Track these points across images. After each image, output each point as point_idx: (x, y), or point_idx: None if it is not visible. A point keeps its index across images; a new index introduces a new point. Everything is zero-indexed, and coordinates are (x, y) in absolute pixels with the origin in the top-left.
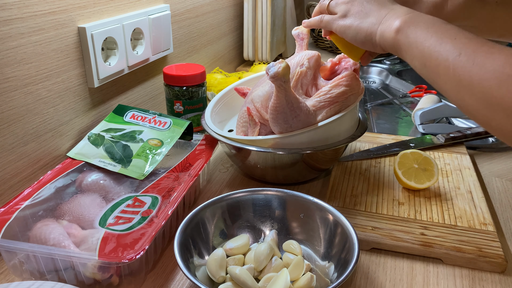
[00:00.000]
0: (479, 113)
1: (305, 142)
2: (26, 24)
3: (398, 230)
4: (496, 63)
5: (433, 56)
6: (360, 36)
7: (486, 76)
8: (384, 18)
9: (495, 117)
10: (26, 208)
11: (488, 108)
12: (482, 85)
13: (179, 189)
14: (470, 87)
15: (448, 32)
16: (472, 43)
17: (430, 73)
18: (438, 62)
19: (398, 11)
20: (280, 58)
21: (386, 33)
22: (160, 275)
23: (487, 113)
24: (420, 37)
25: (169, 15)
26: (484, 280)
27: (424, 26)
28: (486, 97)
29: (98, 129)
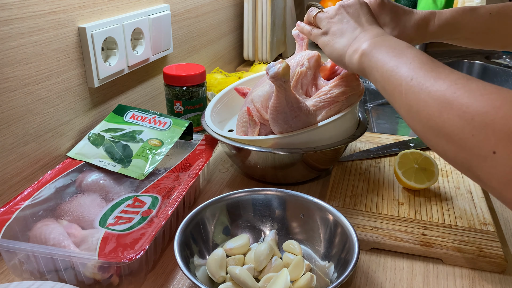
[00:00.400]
0: (426, 139)
1: (305, 142)
2: (26, 24)
3: (398, 230)
4: (440, 88)
5: (390, 80)
6: (334, 56)
7: (430, 102)
8: (354, 40)
9: (439, 142)
10: (26, 208)
11: (432, 134)
12: (426, 111)
13: (179, 189)
14: (417, 113)
15: (407, 56)
16: (425, 67)
17: (388, 96)
18: (394, 87)
19: (368, 34)
20: (280, 58)
21: (353, 56)
22: (160, 275)
23: (433, 139)
24: (381, 61)
25: (169, 15)
26: (484, 280)
27: (385, 49)
28: (431, 123)
29: (98, 129)
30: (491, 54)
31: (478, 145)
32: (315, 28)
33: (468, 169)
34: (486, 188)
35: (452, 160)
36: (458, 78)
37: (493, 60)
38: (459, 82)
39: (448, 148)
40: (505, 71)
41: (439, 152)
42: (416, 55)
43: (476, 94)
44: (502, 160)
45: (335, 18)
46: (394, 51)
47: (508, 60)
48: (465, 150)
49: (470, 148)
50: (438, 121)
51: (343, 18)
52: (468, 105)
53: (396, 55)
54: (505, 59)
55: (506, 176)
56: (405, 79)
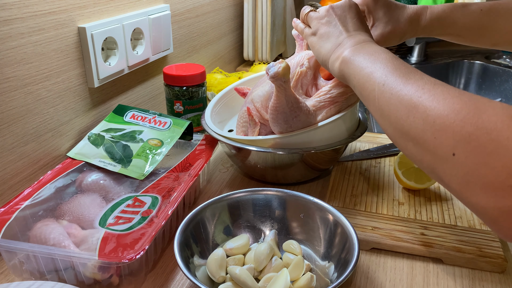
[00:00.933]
0: (396, 142)
1: (305, 142)
2: (26, 24)
3: (398, 230)
4: (407, 93)
5: (365, 85)
6: (319, 59)
7: (398, 106)
8: (338, 46)
9: (407, 146)
10: (26, 208)
11: (401, 137)
12: (395, 115)
13: (179, 189)
14: (388, 117)
15: (382, 62)
16: (397, 73)
17: (364, 101)
18: (369, 92)
19: (351, 40)
20: (280, 58)
21: (335, 62)
22: (160, 275)
23: (401, 142)
24: (358, 67)
25: (169, 15)
26: (484, 280)
27: (363, 56)
28: (399, 127)
29: (98, 129)
30: (491, 54)
31: (439, 147)
32: (307, 27)
33: (432, 171)
34: (448, 189)
35: (419, 162)
36: (425, 83)
37: (493, 60)
38: (425, 87)
39: (415, 151)
40: (505, 71)
41: (408, 154)
42: (390, 60)
43: (440, 98)
44: (461, 161)
45: (323, 20)
46: (371, 57)
47: (508, 60)
48: (429, 153)
49: (433, 150)
50: (405, 124)
51: (331, 21)
52: (431, 108)
53: (372, 61)
54: (505, 59)
55: (465, 177)
56: (378, 84)
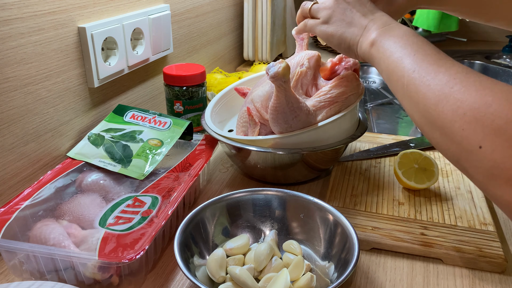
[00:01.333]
0: (423, 130)
1: (305, 142)
2: (26, 24)
3: (398, 230)
4: (439, 82)
5: (395, 71)
6: (343, 46)
7: (428, 95)
8: (365, 30)
9: (434, 135)
10: (26, 208)
11: (428, 125)
12: (424, 102)
13: (179, 189)
14: (416, 104)
15: (412, 47)
16: (427, 59)
17: (392, 87)
18: (398, 78)
19: (377, 22)
20: (280, 58)
21: (364, 45)
22: (160, 275)
23: (428, 130)
24: (387, 51)
25: (169, 15)
26: (484, 280)
27: (393, 40)
28: (427, 114)
29: (98, 129)
30: (491, 54)
31: (466, 139)
32: (309, 19)
33: (457, 161)
34: (472, 181)
35: (445, 151)
36: (457, 72)
37: (493, 60)
38: (457, 76)
39: (441, 140)
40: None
41: (433, 143)
42: (420, 44)
43: (471, 89)
44: (488, 154)
45: (336, 8)
46: (401, 41)
47: (508, 60)
48: (455, 143)
49: (459, 141)
50: (434, 113)
51: (344, 7)
52: (463, 100)
53: (402, 46)
54: (505, 59)
55: (490, 170)
56: (408, 71)
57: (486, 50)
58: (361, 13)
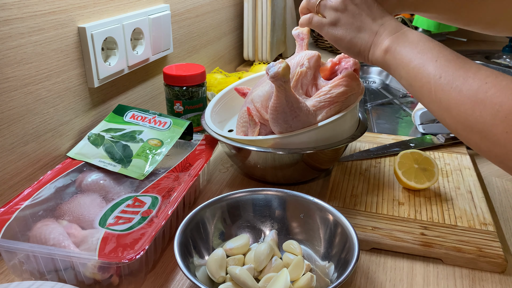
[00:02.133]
0: (458, 133)
1: (305, 142)
2: (26, 24)
3: (398, 230)
4: (470, 88)
5: (417, 77)
6: (353, 50)
7: (462, 100)
8: (376, 36)
9: (472, 137)
10: (26, 208)
11: (465, 130)
12: (458, 108)
13: (179, 189)
14: (449, 109)
15: (431, 52)
16: (451, 65)
17: (416, 93)
18: (422, 84)
19: (388, 28)
20: (280, 58)
21: (377, 52)
22: (160, 275)
23: (465, 134)
24: (406, 58)
25: (169, 15)
26: (484, 280)
27: (409, 46)
28: (462, 120)
29: (98, 129)
30: (491, 54)
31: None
32: (315, 16)
33: (502, 162)
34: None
35: (486, 153)
36: (487, 76)
37: (493, 60)
38: (489, 80)
39: (482, 143)
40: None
41: (472, 145)
42: (439, 50)
43: (508, 93)
44: None
45: (343, 10)
46: (418, 47)
47: (508, 60)
48: (499, 146)
49: (504, 144)
50: (471, 118)
51: (353, 10)
52: (501, 103)
53: (420, 52)
54: (505, 59)
55: None
56: (433, 77)
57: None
58: (371, 17)
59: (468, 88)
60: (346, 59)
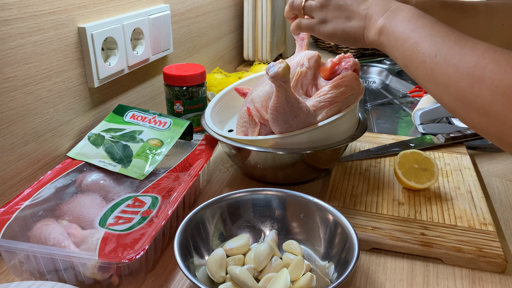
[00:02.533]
0: (456, 111)
1: (305, 142)
2: (26, 24)
3: (398, 230)
4: (468, 64)
5: (413, 57)
6: (349, 40)
7: (459, 77)
8: (366, 19)
9: (470, 115)
10: (26, 208)
11: (463, 107)
12: (456, 86)
13: (179, 189)
14: (446, 87)
15: (424, 29)
16: (446, 41)
17: (412, 73)
18: (418, 63)
19: (376, 8)
20: (280, 58)
21: (371, 35)
22: (160, 275)
23: (463, 111)
24: (400, 39)
25: (169, 15)
26: (484, 280)
27: (402, 25)
28: (460, 97)
29: (98, 129)
30: None
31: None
32: (303, 20)
33: (500, 138)
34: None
35: (483, 131)
36: (484, 51)
37: None
38: (486, 55)
39: (480, 120)
40: None
41: (469, 123)
42: (432, 25)
43: (507, 68)
44: None
45: (328, 5)
46: (410, 24)
47: None
48: (498, 122)
49: (503, 119)
50: (469, 95)
51: (337, 2)
52: (501, 79)
53: (413, 29)
54: None
55: None
56: (429, 55)
57: None
58: (356, 3)
59: (465, 65)
60: (346, 59)
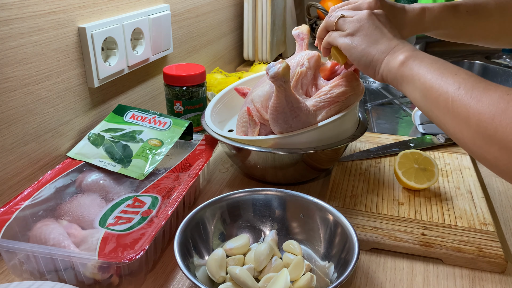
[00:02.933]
0: (475, 145)
1: (305, 142)
2: (26, 24)
3: (398, 230)
4: (491, 98)
5: (434, 88)
6: (365, 60)
7: (481, 110)
8: (393, 49)
9: (490, 149)
10: (26, 208)
11: (483, 140)
12: (477, 118)
13: (179, 189)
14: (467, 119)
15: (450, 68)
16: (471, 79)
17: (430, 104)
18: (439, 94)
19: (406, 47)
20: (280, 58)
21: (391, 64)
22: (160, 275)
23: (483, 145)
24: (423, 70)
25: (169, 15)
26: (484, 280)
27: (428, 61)
28: (481, 130)
29: (98, 129)
30: (491, 54)
31: None
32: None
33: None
34: None
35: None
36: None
37: (493, 60)
38: (510, 92)
39: (500, 155)
40: (505, 71)
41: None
42: (459, 68)
43: None
44: None
45: (366, 22)
46: (437, 64)
47: (508, 60)
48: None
49: None
50: (490, 127)
51: (375, 25)
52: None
53: (439, 67)
54: (505, 59)
55: None
56: (452, 87)
57: (486, 50)
58: (390, 35)
59: (488, 98)
60: None
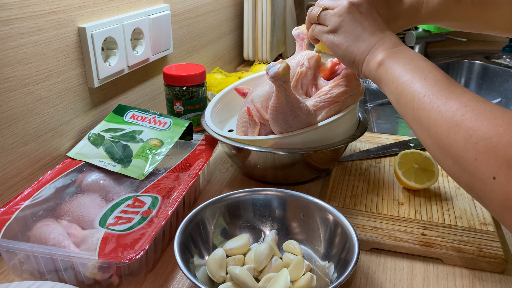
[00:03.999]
0: (435, 155)
1: (305, 142)
2: (26, 24)
3: (398, 230)
4: (450, 109)
5: (404, 93)
6: (348, 59)
7: (439, 122)
8: (373, 47)
9: (446, 162)
10: (26, 208)
11: (440, 152)
12: (435, 129)
13: (179, 189)
14: (428, 129)
15: (422, 70)
16: (438, 84)
17: (401, 110)
18: (407, 100)
19: (386, 42)
20: (280, 58)
21: (371, 64)
22: (160, 275)
23: (440, 156)
24: (397, 73)
25: (169, 15)
26: (484, 280)
27: (403, 62)
28: (438, 142)
29: (98, 129)
30: (491, 54)
31: (480, 169)
32: (317, 25)
33: (471, 189)
34: (487, 209)
35: (458, 179)
36: (468, 100)
37: (493, 60)
38: (469, 104)
39: (454, 168)
40: (505, 71)
41: (445, 169)
42: (430, 70)
43: (483, 118)
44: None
45: (346, 16)
46: (410, 64)
47: (508, 60)
48: (468, 172)
49: (472, 171)
50: (446, 141)
51: (355, 18)
52: (475, 129)
53: (411, 69)
54: (505, 59)
55: (505, 201)
56: (418, 95)
57: (486, 50)
58: (372, 28)
59: (447, 109)
60: None
